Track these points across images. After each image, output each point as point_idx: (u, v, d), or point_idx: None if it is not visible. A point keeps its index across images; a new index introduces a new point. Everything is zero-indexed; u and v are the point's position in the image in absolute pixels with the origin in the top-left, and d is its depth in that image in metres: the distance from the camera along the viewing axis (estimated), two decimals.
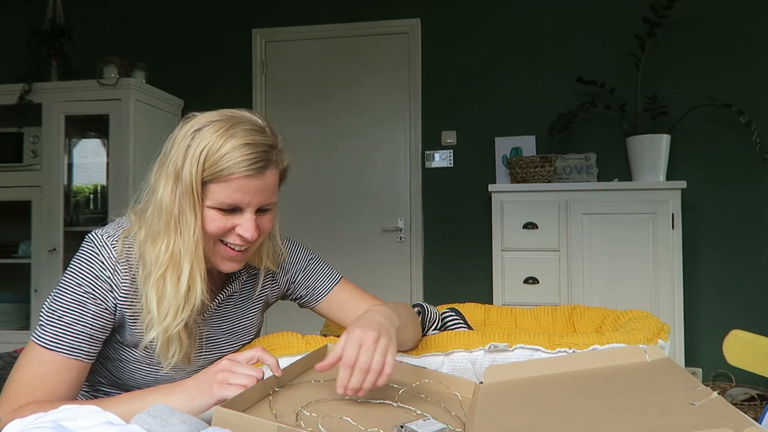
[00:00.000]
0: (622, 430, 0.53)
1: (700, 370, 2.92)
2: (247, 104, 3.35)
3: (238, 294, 1.03)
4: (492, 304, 2.23)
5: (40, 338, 0.84)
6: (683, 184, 2.66)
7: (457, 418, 0.77)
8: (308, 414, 0.70)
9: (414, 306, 1.15)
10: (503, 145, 3.13)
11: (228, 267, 0.91)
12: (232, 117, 0.86)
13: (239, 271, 1.01)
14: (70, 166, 3.18)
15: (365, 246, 3.27)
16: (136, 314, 0.90)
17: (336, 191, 3.30)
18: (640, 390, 0.67)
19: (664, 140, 2.77)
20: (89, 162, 3.27)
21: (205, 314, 0.97)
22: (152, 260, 0.86)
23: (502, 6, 3.18)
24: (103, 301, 0.87)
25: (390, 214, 3.27)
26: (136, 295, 0.89)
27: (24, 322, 3.13)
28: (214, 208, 0.85)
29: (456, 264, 3.19)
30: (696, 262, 2.93)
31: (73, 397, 0.86)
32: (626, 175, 2.94)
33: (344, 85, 3.33)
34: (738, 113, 2.71)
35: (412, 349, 1.01)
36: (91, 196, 3.26)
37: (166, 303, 0.85)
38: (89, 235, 0.90)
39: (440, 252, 3.22)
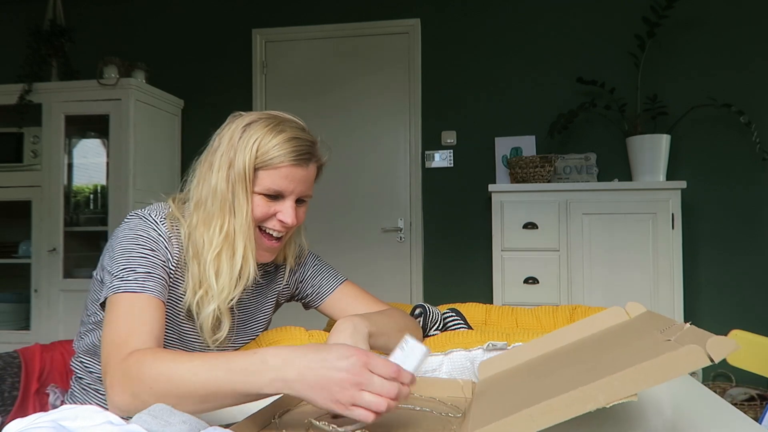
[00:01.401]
0: (600, 374, 0.55)
1: (700, 370, 2.92)
2: (247, 104, 3.36)
3: (252, 289, 1.05)
4: (492, 303, 2.23)
5: (121, 287, 0.84)
6: (683, 184, 2.66)
7: (455, 407, 0.78)
8: (319, 423, 0.69)
9: (416, 307, 1.16)
10: (503, 145, 3.14)
11: (263, 258, 0.98)
12: (278, 116, 0.96)
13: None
14: (70, 166, 3.18)
15: (365, 246, 3.27)
16: (178, 297, 0.93)
17: (336, 191, 3.30)
18: (621, 342, 0.69)
19: (664, 140, 2.77)
20: (89, 162, 3.27)
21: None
22: (206, 241, 0.92)
23: (502, 6, 3.19)
24: (165, 261, 0.91)
25: (390, 214, 3.27)
26: (181, 277, 0.93)
27: (24, 322, 3.13)
28: (260, 194, 0.93)
29: (456, 264, 3.19)
30: (696, 262, 2.94)
31: (162, 341, 0.85)
32: (626, 175, 2.94)
33: (344, 85, 3.34)
34: (738, 113, 2.71)
35: None
36: (91, 196, 3.25)
37: (223, 279, 0.91)
38: (133, 213, 0.96)
39: (440, 252, 3.22)
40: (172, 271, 0.92)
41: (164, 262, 0.91)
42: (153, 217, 0.94)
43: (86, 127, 3.22)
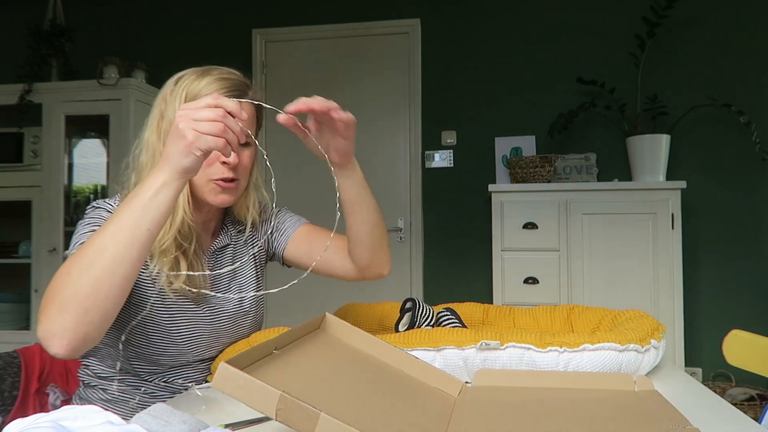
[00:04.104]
0: None
1: (700, 370, 2.92)
2: None
3: (233, 246, 1.10)
4: (492, 303, 2.23)
5: (69, 255, 0.89)
6: (683, 184, 2.66)
7: (441, 416, 0.78)
8: (309, 387, 0.69)
9: (407, 301, 1.18)
10: (503, 145, 3.14)
11: (220, 200, 0.99)
12: (208, 66, 1.00)
13: (226, 225, 1.10)
14: (70, 166, 3.18)
15: None
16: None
17: (336, 191, 3.30)
18: (626, 419, 0.68)
19: (664, 140, 2.77)
20: (89, 162, 3.27)
21: (203, 262, 1.04)
22: None
23: (502, 6, 3.19)
24: None
25: (390, 214, 3.27)
26: None
27: (24, 322, 3.13)
28: None
29: (456, 264, 3.19)
30: (696, 262, 2.94)
31: None
32: (626, 175, 2.94)
33: (344, 86, 3.34)
34: (738, 113, 2.71)
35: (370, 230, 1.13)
36: (91, 196, 3.26)
37: None
38: (89, 205, 1.02)
39: (440, 252, 3.22)
40: None
41: None
42: (105, 201, 0.99)
43: (86, 127, 3.22)
